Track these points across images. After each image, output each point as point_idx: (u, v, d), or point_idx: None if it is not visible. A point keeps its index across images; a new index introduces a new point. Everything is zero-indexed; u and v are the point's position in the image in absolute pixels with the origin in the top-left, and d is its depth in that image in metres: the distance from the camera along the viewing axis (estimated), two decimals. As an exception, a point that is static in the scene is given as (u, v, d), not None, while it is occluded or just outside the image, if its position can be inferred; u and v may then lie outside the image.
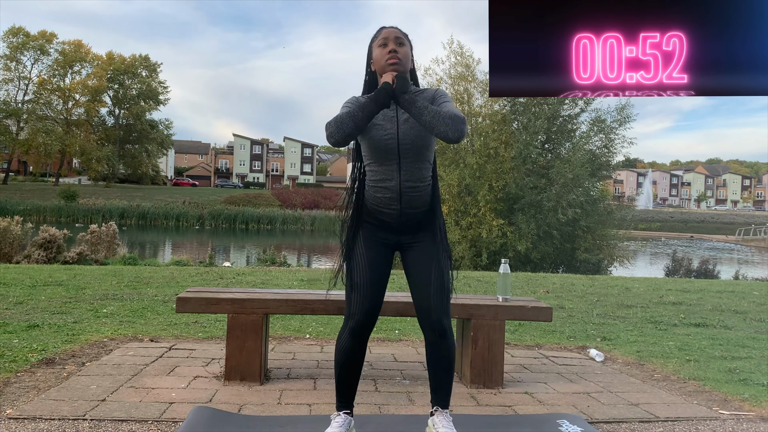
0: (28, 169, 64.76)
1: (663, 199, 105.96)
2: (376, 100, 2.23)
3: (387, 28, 2.42)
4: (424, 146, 2.36)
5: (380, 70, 2.38)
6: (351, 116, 2.19)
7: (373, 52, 2.42)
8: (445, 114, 2.17)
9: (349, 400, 2.41)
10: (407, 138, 2.33)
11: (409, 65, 2.40)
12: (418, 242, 2.44)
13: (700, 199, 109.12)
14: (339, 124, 2.18)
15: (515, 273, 10.24)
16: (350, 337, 2.33)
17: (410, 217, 2.41)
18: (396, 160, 2.34)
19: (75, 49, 55.24)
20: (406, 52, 2.38)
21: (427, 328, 2.36)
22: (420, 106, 2.20)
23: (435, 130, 2.18)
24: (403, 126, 2.34)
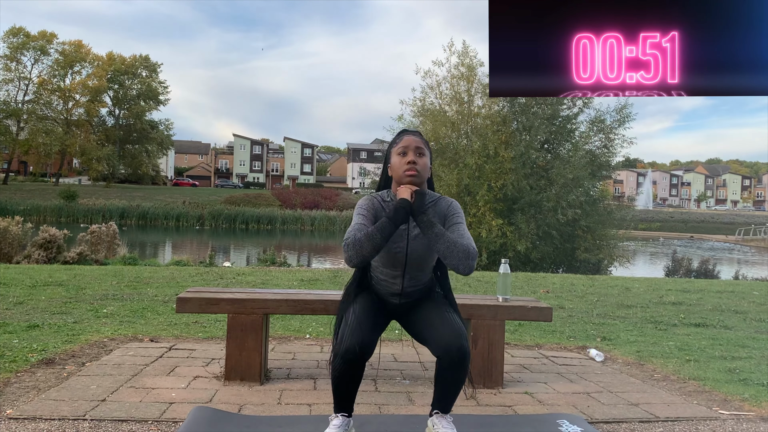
0: (28, 169, 64.74)
1: (663, 199, 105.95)
2: (395, 220, 2.26)
3: (408, 135, 2.43)
4: (429, 259, 2.46)
5: (397, 178, 2.42)
6: (369, 239, 2.22)
7: (392, 158, 2.44)
8: (459, 248, 2.22)
9: (348, 408, 2.38)
10: (415, 253, 2.41)
11: (427, 176, 2.44)
12: (419, 308, 2.50)
13: (700, 199, 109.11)
14: (358, 249, 2.21)
15: (515, 273, 10.24)
16: (343, 363, 2.21)
17: (409, 304, 2.53)
18: (401, 269, 2.44)
19: (75, 50, 55.22)
20: (425, 163, 2.40)
21: (444, 354, 2.24)
22: (437, 232, 2.25)
23: (446, 260, 2.25)
24: (413, 242, 2.40)
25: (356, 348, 2.19)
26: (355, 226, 2.30)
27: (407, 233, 2.40)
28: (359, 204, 2.43)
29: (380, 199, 2.46)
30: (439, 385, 2.35)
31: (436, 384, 2.36)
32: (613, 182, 62.67)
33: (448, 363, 2.25)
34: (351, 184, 77.58)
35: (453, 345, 2.22)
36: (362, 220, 2.33)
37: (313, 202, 48.88)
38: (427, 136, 17.95)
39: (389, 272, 2.46)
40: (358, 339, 2.20)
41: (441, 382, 2.33)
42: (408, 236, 2.40)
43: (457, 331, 2.27)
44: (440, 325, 2.32)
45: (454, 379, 2.29)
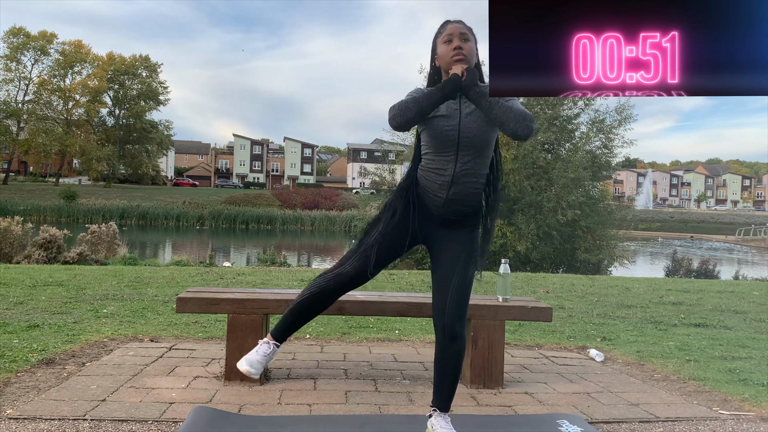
0: (28, 170, 64.77)
1: (663, 199, 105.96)
2: (443, 89, 2.23)
3: (452, 24, 2.40)
4: (484, 141, 2.35)
5: (446, 66, 2.37)
6: (416, 102, 2.20)
7: (438, 48, 2.41)
8: (516, 111, 2.18)
9: (286, 337, 2.50)
10: (468, 131, 2.32)
11: (474, 60, 2.38)
12: (449, 240, 2.42)
13: (700, 199, 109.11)
14: (403, 109, 2.19)
15: (515, 273, 10.24)
16: (332, 281, 2.40)
17: (453, 211, 2.39)
18: (454, 152, 2.33)
19: (75, 50, 55.24)
20: (471, 47, 2.36)
21: (439, 329, 2.34)
22: (491, 101, 2.19)
23: (504, 126, 2.19)
24: (465, 119, 2.33)
25: (354, 273, 2.36)
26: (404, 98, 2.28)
27: (459, 112, 2.33)
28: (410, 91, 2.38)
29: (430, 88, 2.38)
30: (435, 371, 2.39)
31: (434, 368, 2.40)
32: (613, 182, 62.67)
33: (441, 342, 2.33)
34: (351, 184, 77.58)
35: (447, 323, 2.30)
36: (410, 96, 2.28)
37: (313, 202, 48.88)
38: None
39: (441, 159, 2.34)
40: (359, 266, 2.35)
41: (437, 365, 2.38)
42: (460, 114, 2.33)
43: (457, 312, 2.31)
44: (448, 294, 2.32)
45: (447, 359, 2.33)
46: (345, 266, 2.41)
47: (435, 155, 2.36)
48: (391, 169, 20.48)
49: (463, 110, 2.33)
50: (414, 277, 8.68)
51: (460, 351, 2.33)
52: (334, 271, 2.44)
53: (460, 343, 2.32)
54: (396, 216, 2.40)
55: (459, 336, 2.31)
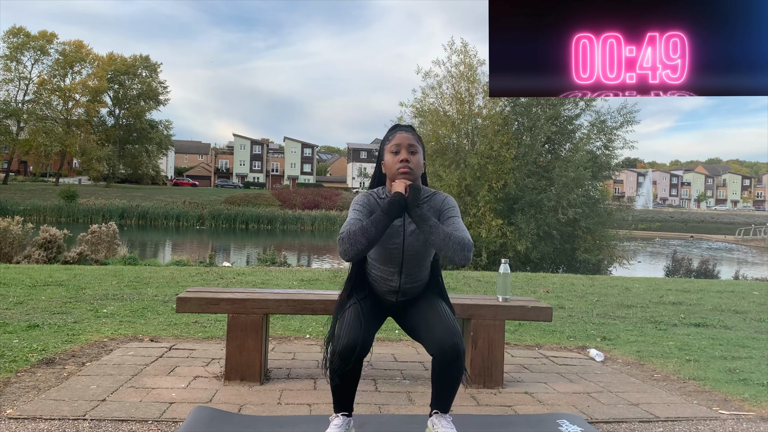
0: (28, 169, 64.77)
1: (663, 199, 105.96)
2: (389, 213, 2.26)
3: (401, 132, 2.42)
4: (426, 255, 2.45)
5: (391, 176, 2.41)
6: (364, 233, 2.21)
7: (385, 156, 2.43)
8: (454, 240, 2.22)
9: (347, 407, 2.39)
10: (412, 249, 2.40)
11: (420, 172, 2.42)
12: (415, 302, 2.50)
13: (700, 199, 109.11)
14: (353, 242, 2.20)
15: (515, 273, 10.24)
16: (342, 361, 2.22)
17: (406, 302, 2.52)
18: (398, 266, 2.43)
19: (75, 50, 55.23)
20: (418, 160, 2.39)
21: (439, 353, 2.26)
22: (432, 225, 2.25)
23: (442, 253, 2.26)
24: (409, 237, 2.39)
25: (355, 345, 2.20)
26: (350, 220, 2.30)
27: (403, 229, 2.39)
28: (355, 200, 2.42)
29: (375, 196, 2.45)
30: (435, 384, 2.35)
31: (433, 383, 2.37)
32: (613, 182, 62.67)
33: (443, 361, 2.26)
34: (351, 184, 77.59)
35: (446, 343, 2.23)
36: (357, 215, 2.32)
37: (313, 202, 48.89)
38: (427, 137, 17.96)
39: (386, 269, 2.45)
40: (356, 336, 2.21)
41: (437, 380, 2.33)
42: (404, 232, 2.39)
43: (451, 330, 2.27)
44: (435, 323, 2.32)
45: (450, 377, 2.29)
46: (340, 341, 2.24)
47: (381, 266, 2.45)
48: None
49: (407, 228, 2.39)
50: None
51: (462, 368, 2.30)
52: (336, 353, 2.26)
53: (462, 361, 2.29)
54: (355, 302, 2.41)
55: (462, 354, 2.27)
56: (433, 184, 17.56)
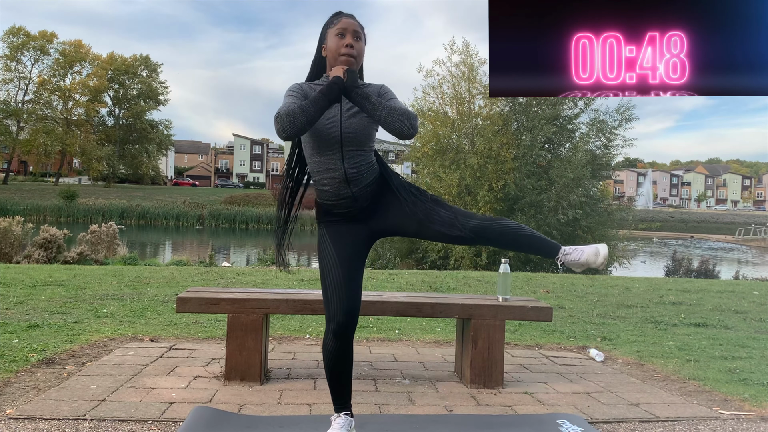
0: (28, 169, 64.76)
1: (663, 199, 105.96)
2: (328, 95, 2.19)
3: (345, 17, 2.38)
4: (366, 136, 2.34)
5: (331, 60, 2.35)
6: (303, 111, 2.13)
7: (327, 39, 2.37)
8: (399, 110, 2.17)
9: (346, 401, 2.39)
10: (350, 128, 2.30)
11: (361, 62, 2.39)
12: (387, 209, 2.42)
13: (700, 199, 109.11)
14: (291, 119, 2.11)
15: (515, 273, 10.24)
16: (335, 340, 2.27)
17: (365, 196, 2.39)
18: (338, 149, 2.30)
19: (75, 49, 55.23)
20: (361, 47, 2.36)
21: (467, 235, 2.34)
22: (374, 102, 2.19)
23: (389, 126, 2.19)
24: (345, 117, 2.31)
25: (348, 322, 2.25)
26: (287, 102, 2.22)
27: (339, 110, 2.30)
28: (289, 88, 2.33)
29: (310, 84, 2.37)
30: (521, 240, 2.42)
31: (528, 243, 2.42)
32: (614, 182, 62.64)
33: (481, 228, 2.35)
34: (351, 184, 77.45)
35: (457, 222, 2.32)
36: (293, 99, 2.25)
37: (313, 202, 48.81)
38: (426, 136, 17.97)
39: (326, 159, 2.32)
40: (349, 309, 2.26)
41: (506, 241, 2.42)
42: (341, 112, 2.30)
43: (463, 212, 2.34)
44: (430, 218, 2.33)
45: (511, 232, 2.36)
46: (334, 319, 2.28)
47: (319, 156, 2.33)
48: (391, 169, 20.46)
49: (343, 108, 2.32)
50: (414, 276, 8.68)
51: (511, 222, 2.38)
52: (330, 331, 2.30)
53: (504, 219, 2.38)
54: (329, 250, 2.38)
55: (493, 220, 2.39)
56: (433, 185, 17.57)
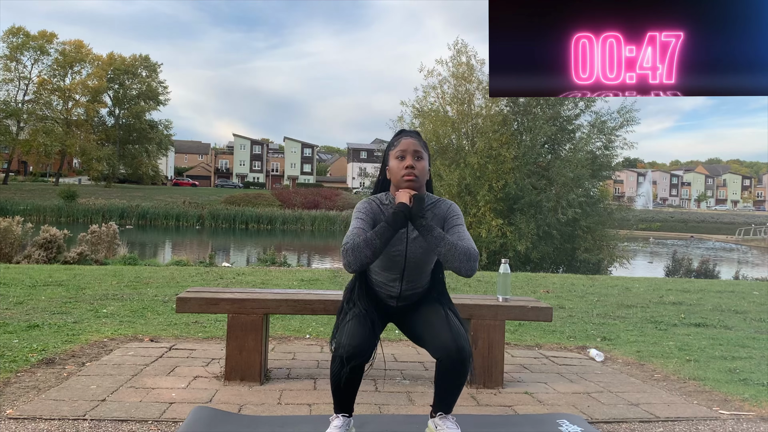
0: (28, 169, 64.75)
1: (663, 199, 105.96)
2: (393, 225, 2.24)
3: (406, 138, 2.39)
4: (428, 262, 2.44)
5: (395, 182, 2.39)
6: (368, 245, 2.18)
7: (390, 161, 2.41)
8: (460, 250, 2.20)
9: (348, 408, 2.38)
10: (414, 256, 2.39)
11: (425, 179, 2.41)
12: (418, 306, 2.50)
13: (700, 199, 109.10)
14: (357, 254, 2.18)
15: (515, 273, 10.24)
16: (343, 366, 2.21)
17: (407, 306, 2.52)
18: (400, 273, 2.42)
19: (75, 50, 55.23)
20: (423, 167, 2.37)
21: (444, 357, 2.25)
22: (436, 236, 2.23)
23: (448, 264, 2.24)
24: (411, 245, 2.38)
25: (357, 352, 2.19)
26: (354, 230, 2.27)
27: (406, 236, 2.38)
28: (357, 207, 2.40)
29: (378, 202, 2.42)
30: (439, 388, 2.33)
31: (436, 386, 2.35)
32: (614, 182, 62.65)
33: (449, 364, 2.23)
34: (351, 184, 77.57)
35: (452, 346, 2.21)
36: (361, 224, 2.30)
37: (313, 202, 48.89)
38: (427, 137, 17.97)
39: (387, 275, 2.44)
40: (358, 343, 2.20)
41: (441, 384, 2.31)
42: (407, 239, 2.38)
43: (456, 332, 2.26)
44: (439, 326, 2.31)
45: (455, 381, 2.27)
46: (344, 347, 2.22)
47: (382, 272, 2.44)
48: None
49: (410, 235, 2.38)
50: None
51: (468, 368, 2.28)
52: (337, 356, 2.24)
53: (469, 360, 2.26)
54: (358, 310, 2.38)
55: (470, 355, 2.26)
56: (434, 184, 17.55)
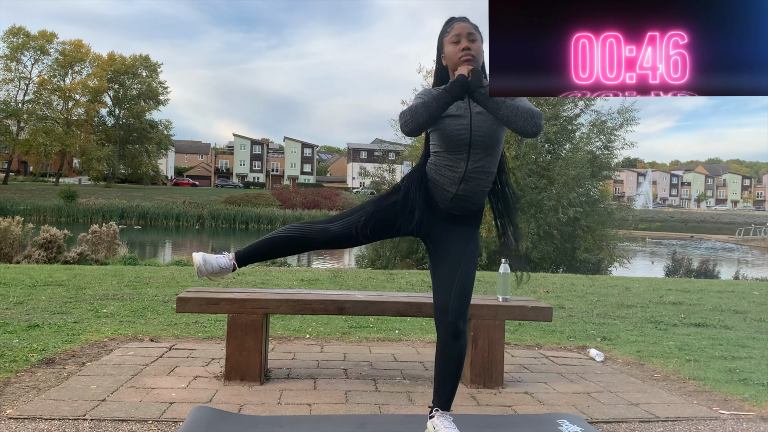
0: (28, 169, 64.78)
1: (663, 199, 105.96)
2: (450, 91, 2.21)
3: (458, 22, 2.39)
4: (495, 140, 2.38)
5: (453, 66, 2.37)
6: (426, 106, 2.20)
7: (445, 48, 2.40)
8: (522, 109, 2.19)
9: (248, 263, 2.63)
10: (480, 130, 2.34)
11: (481, 60, 2.39)
12: (452, 237, 2.45)
13: (700, 199, 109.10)
14: (414, 114, 2.19)
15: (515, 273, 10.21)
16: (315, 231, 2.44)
17: (460, 207, 2.42)
18: (466, 151, 2.35)
19: (75, 49, 55.25)
20: (478, 47, 2.37)
21: (441, 327, 2.35)
22: (497, 101, 2.20)
23: (513, 125, 2.20)
24: (476, 118, 2.34)
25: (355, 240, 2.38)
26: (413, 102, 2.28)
27: (469, 111, 2.34)
28: (418, 93, 2.39)
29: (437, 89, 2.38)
30: (438, 367, 2.40)
31: (435, 367, 2.41)
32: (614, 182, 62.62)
33: (443, 337, 2.34)
34: (351, 184, 77.59)
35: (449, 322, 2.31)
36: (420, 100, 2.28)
37: (313, 202, 48.89)
38: (427, 136, 17.96)
39: (452, 156, 2.36)
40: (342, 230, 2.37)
41: (439, 363, 2.38)
42: (471, 113, 2.34)
43: (457, 307, 2.32)
44: (450, 284, 2.35)
45: (451, 358, 2.35)
46: (334, 224, 2.46)
47: (447, 154, 2.38)
48: (391, 168, 20.47)
49: (473, 110, 2.35)
50: (414, 277, 8.68)
51: (462, 349, 2.35)
52: (321, 224, 2.48)
53: (463, 341, 2.34)
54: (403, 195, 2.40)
55: (462, 334, 2.33)
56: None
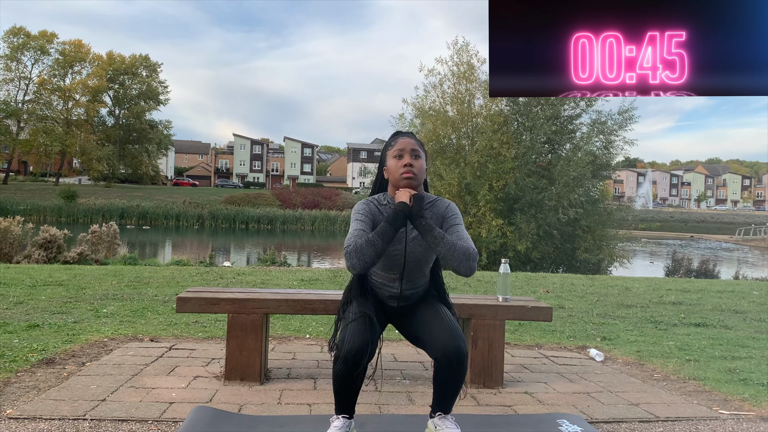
0: (28, 169, 64.78)
1: (663, 199, 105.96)
2: (394, 224, 2.24)
3: (403, 137, 2.42)
4: (427, 261, 2.45)
5: (394, 181, 2.40)
6: (371, 245, 2.19)
7: (388, 161, 2.43)
8: (459, 250, 2.22)
9: (349, 409, 2.36)
10: (414, 255, 2.40)
11: (423, 178, 2.42)
12: (416, 307, 2.51)
13: (700, 199, 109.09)
14: (360, 256, 2.18)
15: (515, 273, 10.24)
16: (346, 366, 2.18)
17: (409, 304, 2.53)
18: (400, 272, 2.43)
19: (75, 49, 55.25)
20: (421, 165, 2.39)
21: (444, 356, 2.24)
22: (436, 236, 2.23)
23: (447, 264, 2.25)
24: (411, 244, 2.39)
25: (359, 350, 2.18)
26: (354, 232, 2.28)
27: (405, 236, 2.39)
28: (356, 209, 2.41)
29: (377, 203, 2.44)
30: (438, 388, 2.34)
31: (435, 386, 2.36)
32: (614, 182, 62.65)
33: (446, 365, 2.24)
34: (351, 183, 77.60)
35: (450, 346, 2.22)
36: (361, 226, 2.31)
37: (313, 202, 48.89)
38: (427, 136, 17.97)
39: (387, 275, 2.45)
40: (360, 340, 2.20)
41: (440, 384, 2.32)
42: (406, 239, 2.39)
43: (454, 333, 2.27)
44: (437, 326, 2.32)
45: (453, 380, 2.28)
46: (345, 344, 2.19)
47: (382, 272, 2.45)
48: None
49: (409, 234, 2.39)
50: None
51: (465, 371, 2.29)
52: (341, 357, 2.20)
53: (466, 365, 2.28)
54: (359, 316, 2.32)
55: (465, 357, 2.26)
56: (434, 183, 17.58)
